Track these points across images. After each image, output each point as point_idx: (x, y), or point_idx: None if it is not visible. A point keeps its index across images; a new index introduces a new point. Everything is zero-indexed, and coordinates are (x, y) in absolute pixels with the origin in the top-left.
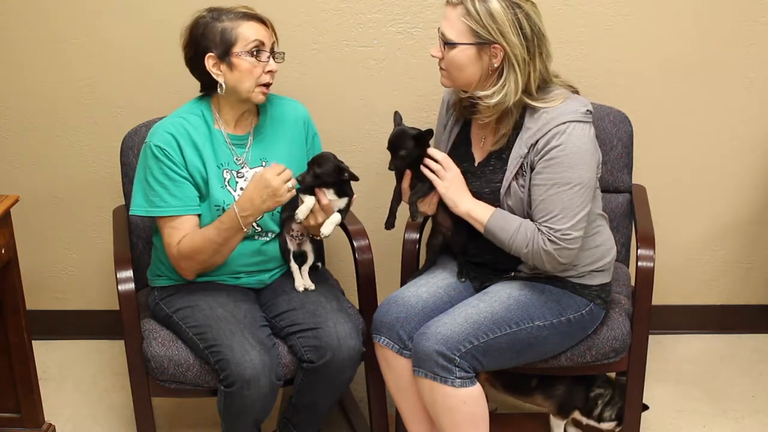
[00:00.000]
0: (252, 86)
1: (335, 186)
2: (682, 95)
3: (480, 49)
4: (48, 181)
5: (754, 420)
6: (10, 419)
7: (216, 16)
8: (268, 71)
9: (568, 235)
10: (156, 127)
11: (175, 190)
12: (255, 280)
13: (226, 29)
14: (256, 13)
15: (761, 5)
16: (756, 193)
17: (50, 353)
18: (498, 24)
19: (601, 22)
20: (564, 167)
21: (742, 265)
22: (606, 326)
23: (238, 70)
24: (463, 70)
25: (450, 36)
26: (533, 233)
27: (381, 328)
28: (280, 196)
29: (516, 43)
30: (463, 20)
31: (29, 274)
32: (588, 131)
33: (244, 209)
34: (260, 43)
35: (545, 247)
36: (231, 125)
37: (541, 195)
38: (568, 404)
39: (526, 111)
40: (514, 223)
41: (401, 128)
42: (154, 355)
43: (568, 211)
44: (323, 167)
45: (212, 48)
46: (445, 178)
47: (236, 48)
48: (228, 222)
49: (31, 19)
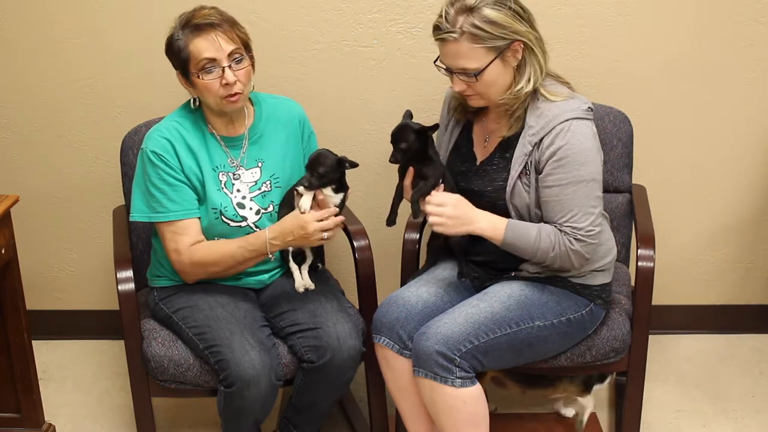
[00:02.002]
0: (217, 100)
1: (334, 182)
2: (682, 95)
3: (503, 56)
4: (48, 181)
5: (754, 420)
6: (10, 419)
7: (179, 28)
8: (225, 84)
9: (591, 232)
10: (151, 132)
11: (174, 195)
12: (255, 280)
13: (180, 48)
14: (206, 23)
15: (761, 5)
16: (756, 193)
17: (50, 353)
18: (505, 27)
19: (601, 22)
20: (576, 165)
21: (742, 265)
22: (606, 326)
23: (198, 89)
24: (497, 84)
25: (473, 66)
26: (557, 236)
27: (381, 328)
28: (311, 242)
29: (525, 30)
30: (476, 46)
31: (29, 274)
32: (591, 128)
33: (274, 237)
34: (209, 60)
35: (573, 247)
36: (224, 128)
37: (556, 195)
38: (589, 379)
39: (528, 109)
40: (532, 229)
41: (405, 122)
42: (154, 355)
43: (586, 208)
44: (326, 165)
45: (175, 66)
46: (444, 215)
47: (190, 67)
48: (256, 244)
49: (32, 19)
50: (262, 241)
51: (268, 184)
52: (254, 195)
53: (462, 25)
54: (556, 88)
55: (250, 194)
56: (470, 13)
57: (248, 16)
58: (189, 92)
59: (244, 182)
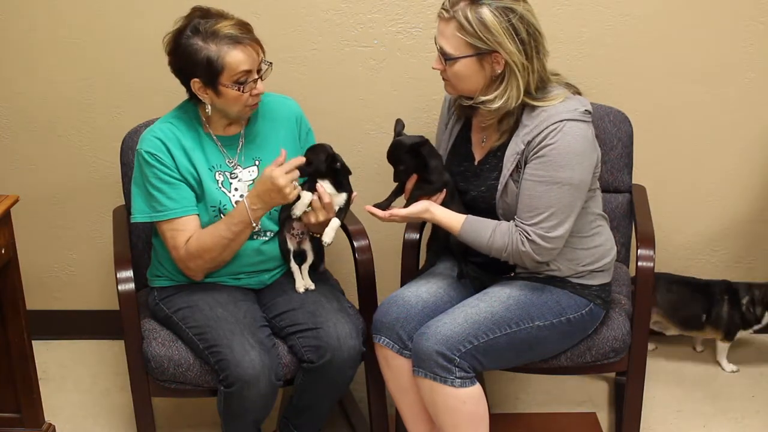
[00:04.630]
0: (240, 109)
1: (330, 176)
2: (682, 95)
3: (481, 59)
4: (48, 181)
5: (754, 420)
6: (10, 419)
7: (201, 35)
8: (255, 94)
9: (549, 235)
10: (145, 133)
11: (172, 193)
12: (255, 280)
13: (211, 58)
14: (244, 36)
15: (761, 5)
16: (756, 193)
17: (50, 353)
18: (493, 34)
19: (601, 22)
20: (555, 166)
21: (742, 265)
22: (606, 326)
23: (225, 98)
24: (467, 80)
25: (449, 51)
26: (511, 236)
27: (381, 328)
28: (287, 195)
29: (513, 51)
30: (458, 35)
31: (29, 274)
32: (585, 131)
33: (253, 203)
34: (247, 72)
35: (522, 248)
36: (221, 128)
37: (527, 190)
38: (732, 326)
39: (525, 109)
40: (489, 227)
41: (398, 140)
42: (154, 355)
43: (552, 210)
44: (316, 153)
45: (197, 74)
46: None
47: (223, 77)
48: (238, 216)
49: (31, 19)
50: (244, 210)
51: None
52: None
53: (457, 10)
54: (552, 93)
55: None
56: (472, 4)
57: (248, 16)
58: (204, 99)
59: (242, 181)
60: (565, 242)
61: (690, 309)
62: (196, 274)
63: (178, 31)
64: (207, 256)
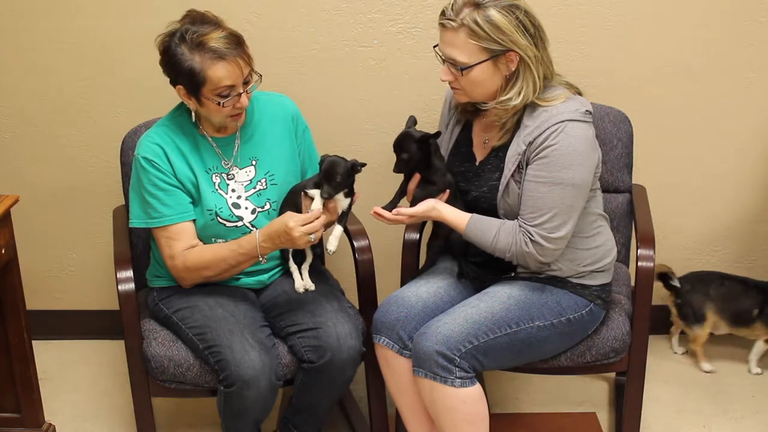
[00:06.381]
0: (221, 120)
1: (351, 185)
2: (682, 95)
3: (495, 61)
4: (48, 181)
5: (754, 420)
6: (10, 419)
7: (188, 44)
8: (238, 107)
9: (553, 236)
10: (142, 138)
11: (168, 200)
12: (254, 280)
13: (194, 70)
14: (230, 51)
15: (761, 5)
16: (756, 193)
17: (50, 353)
18: (506, 34)
19: (601, 22)
20: (558, 167)
21: (742, 265)
22: (606, 326)
23: (207, 108)
24: (483, 85)
25: (462, 59)
26: (515, 235)
27: (381, 328)
28: (298, 245)
29: (526, 44)
30: (471, 41)
31: (29, 274)
32: (586, 131)
33: (264, 241)
34: (230, 86)
35: (526, 249)
36: (216, 130)
37: (530, 191)
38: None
39: (526, 109)
40: (493, 227)
41: (407, 131)
42: (154, 355)
43: (555, 211)
44: (342, 174)
45: (180, 81)
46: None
47: (205, 90)
48: (247, 247)
49: (31, 19)
50: (253, 244)
51: (263, 182)
52: (249, 194)
53: (464, 17)
54: (553, 93)
55: (245, 193)
56: (476, 8)
57: (248, 16)
58: (188, 105)
59: (238, 182)
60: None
61: (742, 304)
62: (186, 284)
63: (169, 34)
64: (204, 274)
